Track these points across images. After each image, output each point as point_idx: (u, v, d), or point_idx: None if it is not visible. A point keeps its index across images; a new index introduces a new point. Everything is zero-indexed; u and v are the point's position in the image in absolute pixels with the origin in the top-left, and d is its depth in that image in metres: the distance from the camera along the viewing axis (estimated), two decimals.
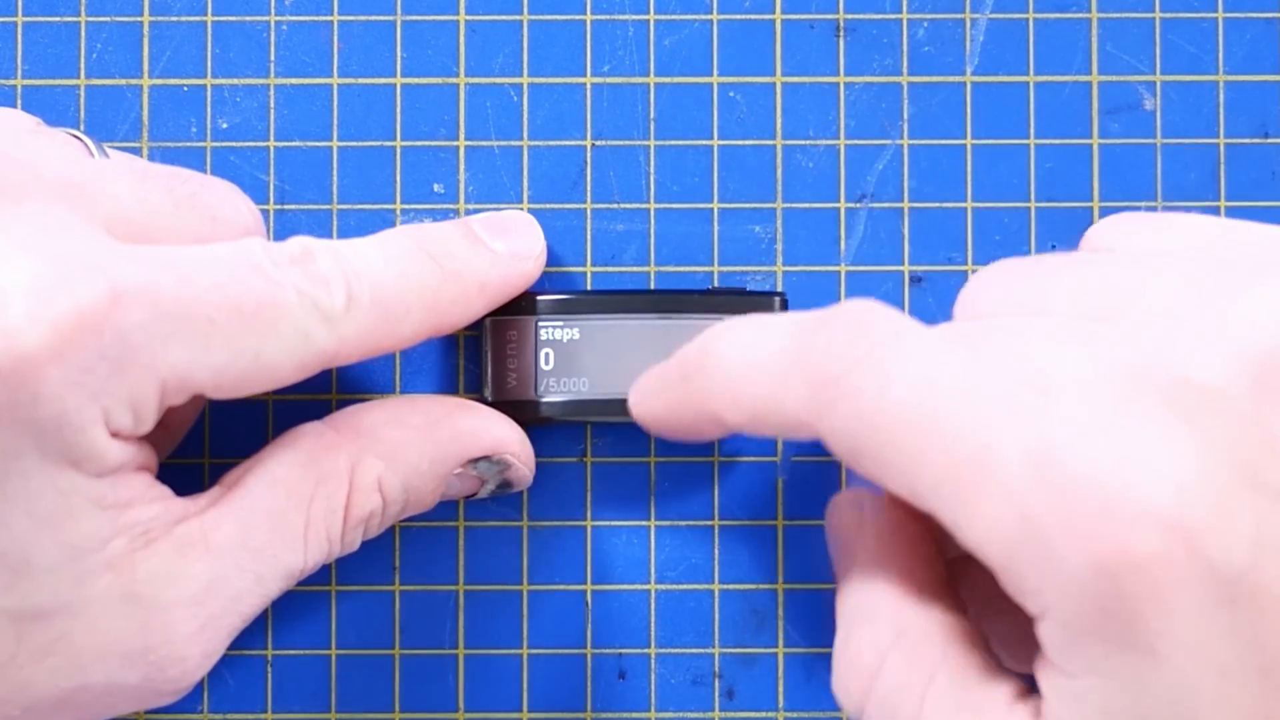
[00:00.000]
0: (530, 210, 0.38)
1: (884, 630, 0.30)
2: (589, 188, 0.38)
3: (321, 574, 0.35)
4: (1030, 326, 0.28)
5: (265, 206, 0.38)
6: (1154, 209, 0.38)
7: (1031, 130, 0.39)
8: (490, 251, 0.35)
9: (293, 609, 0.38)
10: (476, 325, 0.37)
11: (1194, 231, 0.31)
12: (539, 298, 0.36)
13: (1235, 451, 0.26)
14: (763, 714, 0.38)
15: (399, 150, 0.38)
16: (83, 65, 0.38)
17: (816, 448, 0.38)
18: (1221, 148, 0.38)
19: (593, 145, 0.39)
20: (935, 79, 0.39)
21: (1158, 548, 0.25)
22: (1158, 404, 0.26)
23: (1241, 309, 0.27)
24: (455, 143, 0.38)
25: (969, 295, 0.32)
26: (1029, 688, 0.29)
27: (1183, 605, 0.25)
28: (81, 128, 0.38)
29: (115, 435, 0.30)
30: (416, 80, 0.39)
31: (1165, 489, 0.25)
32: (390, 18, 0.39)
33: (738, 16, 0.39)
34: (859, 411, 0.28)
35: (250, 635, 0.35)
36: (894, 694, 0.30)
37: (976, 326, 0.29)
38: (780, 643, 0.38)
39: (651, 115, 0.39)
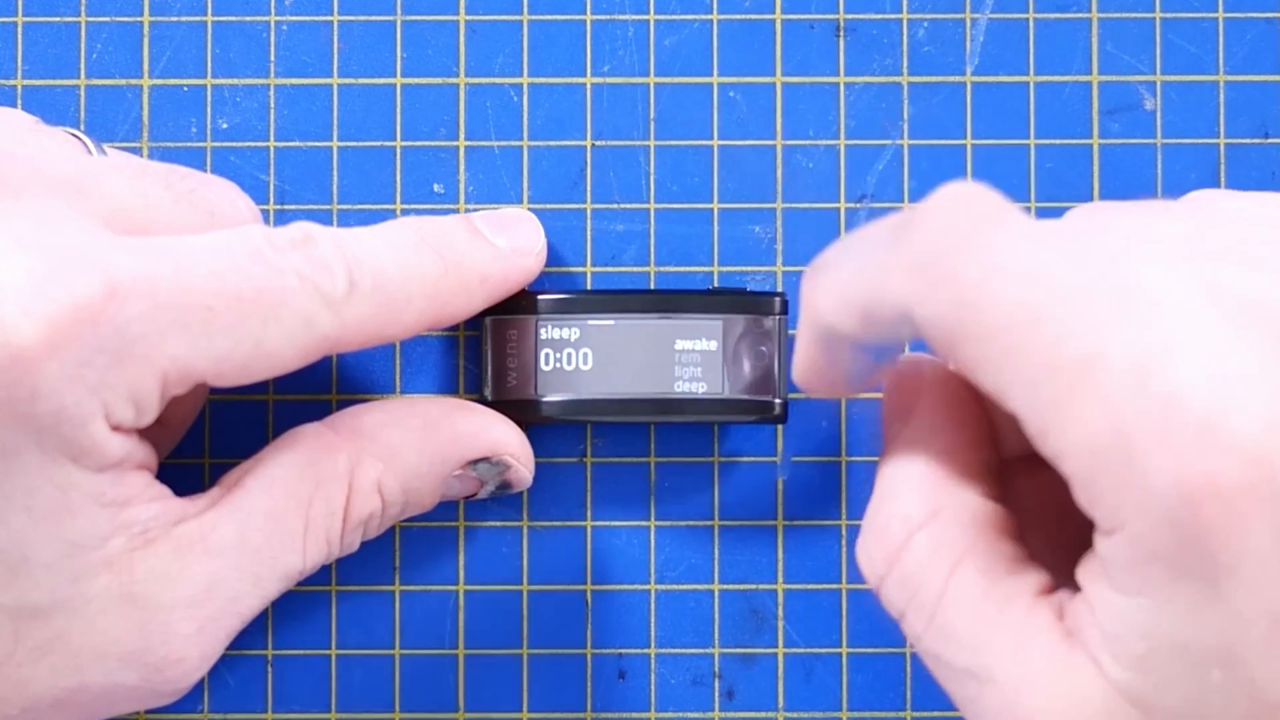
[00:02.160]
0: (530, 210, 0.38)
1: (918, 506, 0.30)
2: (589, 188, 0.38)
3: (321, 574, 0.35)
4: (1145, 239, 0.27)
5: (265, 206, 0.38)
6: None
7: (1031, 130, 0.38)
8: (491, 246, 0.35)
9: (293, 609, 0.38)
10: (476, 325, 0.37)
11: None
12: (539, 297, 0.36)
13: None
14: (762, 714, 0.38)
15: (399, 150, 0.38)
16: (83, 65, 0.38)
17: (816, 447, 0.38)
18: (1221, 148, 0.38)
19: (593, 145, 0.39)
20: (935, 79, 0.39)
21: (1242, 480, 0.24)
22: (1261, 337, 0.25)
23: None
24: (455, 143, 0.38)
25: (1072, 217, 0.30)
26: (1053, 582, 0.29)
27: (1255, 543, 0.24)
28: (82, 128, 0.38)
29: (116, 429, 0.30)
30: (416, 80, 0.39)
31: (1257, 422, 0.24)
32: (390, 18, 0.39)
33: (738, 16, 0.39)
34: (960, 299, 0.26)
35: (250, 635, 0.35)
36: (917, 573, 0.29)
37: (1088, 227, 0.28)
38: (780, 643, 0.38)
39: (651, 115, 0.39)
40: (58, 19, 0.38)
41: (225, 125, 0.38)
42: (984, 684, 0.28)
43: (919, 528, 0.29)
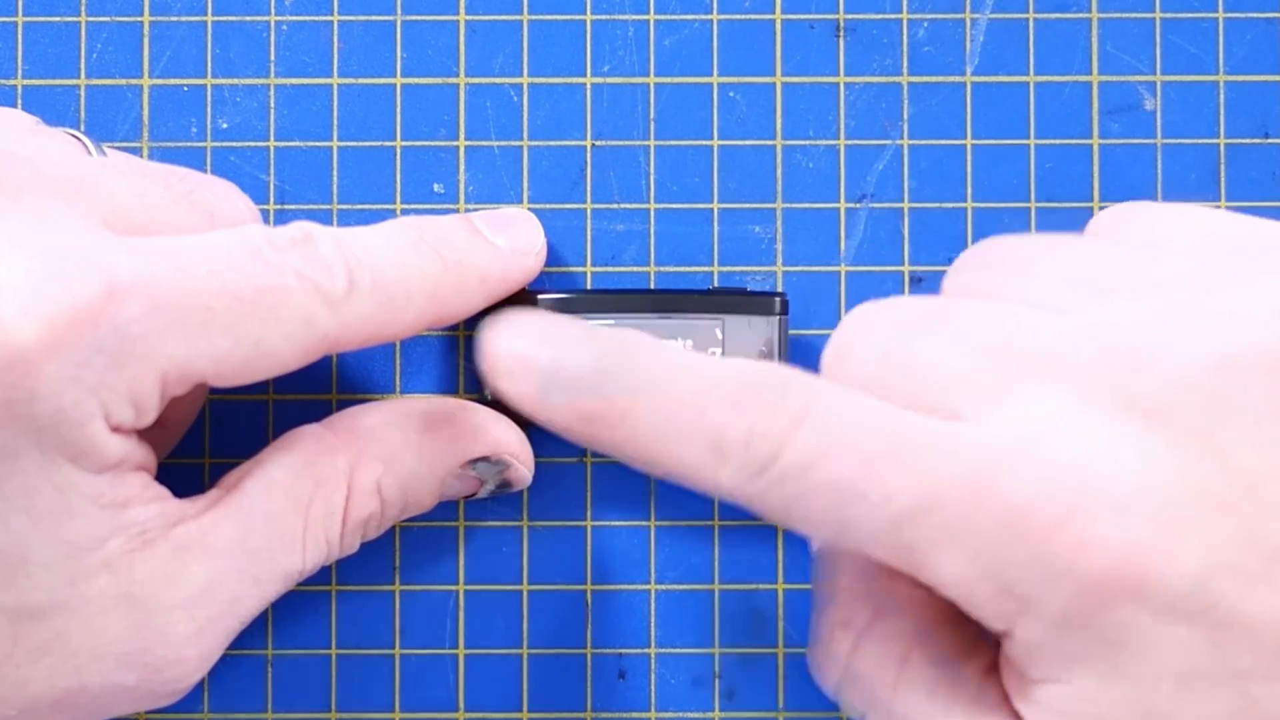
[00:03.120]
0: (530, 210, 0.38)
1: (857, 610, 0.31)
2: (589, 188, 0.38)
3: (322, 574, 0.35)
4: (967, 329, 0.28)
5: (265, 206, 0.38)
6: None
7: (1031, 130, 0.38)
8: (491, 245, 0.35)
9: (293, 609, 0.38)
10: (477, 325, 0.37)
11: (1197, 223, 0.31)
12: (539, 297, 0.36)
13: (1182, 466, 0.26)
14: (763, 714, 0.38)
15: (399, 150, 0.38)
16: (83, 65, 0.38)
17: None
18: (1221, 148, 0.38)
19: (593, 145, 0.39)
20: (935, 79, 0.39)
21: (1107, 571, 0.26)
22: (1106, 415, 0.26)
23: (1220, 305, 0.27)
24: (455, 143, 0.38)
25: (958, 265, 0.32)
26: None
27: (1136, 621, 0.26)
28: (81, 128, 0.38)
29: (116, 429, 0.30)
30: (416, 80, 0.39)
31: (1107, 513, 0.26)
32: (390, 18, 0.39)
33: (738, 16, 0.39)
34: (789, 495, 0.27)
35: (250, 635, 0.35)
36: (869, 674, 0.30)
37: (904, 345, 0.29)
38: (780, 643, 0.38)
39: (651, 115, 0.39)
40: (58, 19, 0.38)
41: (225, 125, 0.38)
42: None
43: (863, 631, 0.30)
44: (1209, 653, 0.26)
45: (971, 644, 0.30)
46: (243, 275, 0.30)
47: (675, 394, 0.28)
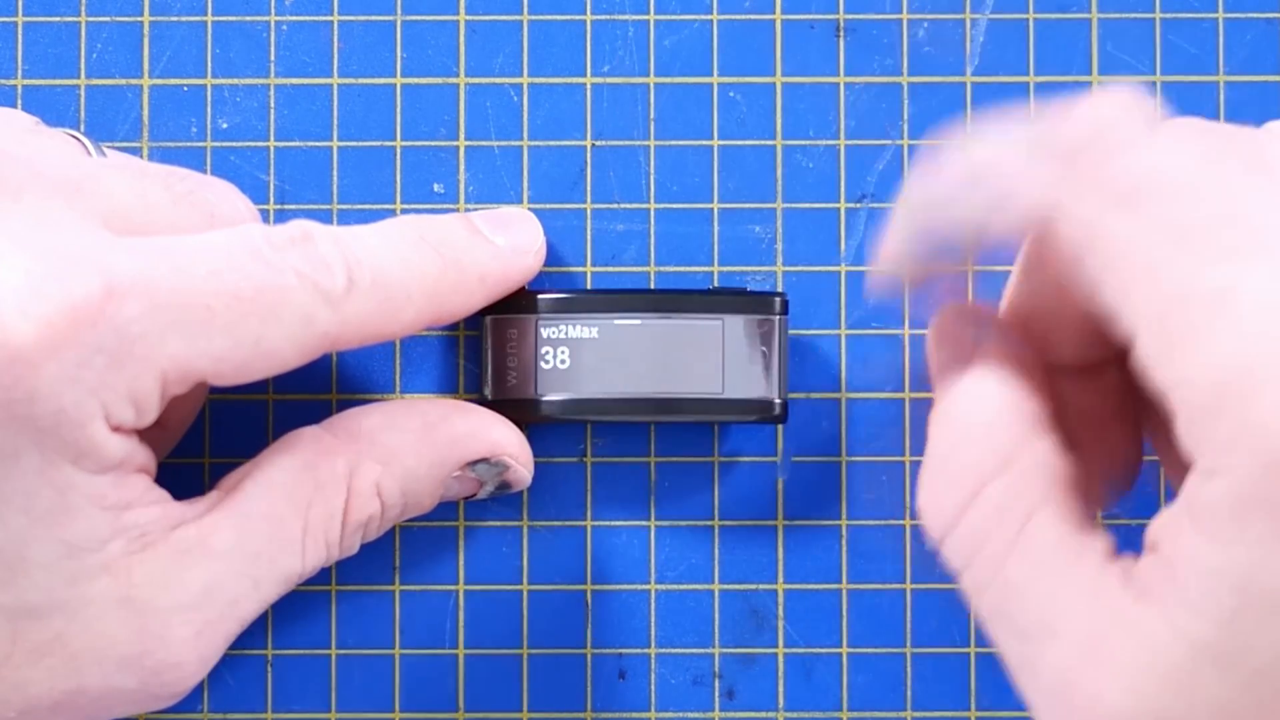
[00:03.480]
0: (530, 210, 0.38)
1: (990, 455, 0.29)
2: (589, 188, 0.38)
3: (321, 574, 0.35)
4: None
5: (265, 206, 0.38)
6: None
7: None
8: (490, 244, 0.35)
9: (293, 609, 0.38)
10: (476, 324, 0.37)
11: None
12: (539, 296, 0.36)
13: None
14: (763, 714, 0.38)
15: (399, 150, 0.38)
16: (83, 65, 0.38)
17: (816, 447, 0.38)
18: None
19: (593, 145, 0.39)
20: (935, 79, 0.39)
21: None
22: None
23: None
24: (455, 143, 0.38)
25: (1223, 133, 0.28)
26: (1117, 547, 0.28)
27: None
28: (81, 128, 0.38)
29: (116, 430, 0.30)
30: (416, 80, 0.39)
31: None
32: (390, 18, 0.39)
33: (738, 16, 0.39)
34: (1105, 206, 0.26)
35: (250, 635, 0.35)
36: (988, 525, 0.28)
37: (1241, 148, 0.27)
38: (780, 643, 0.38)
39: (651, 115, 0.39)
40: (58, 19, 0.38)
41: (225, 125, 0.38)
42: (1048, 641, 0.27)
43: (992, 477, 0.28)
44: None
45: (1095, 524, 0.28)
46: (242, 274, 0.30)
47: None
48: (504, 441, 0.36)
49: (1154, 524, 0.27)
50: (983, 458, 0.29)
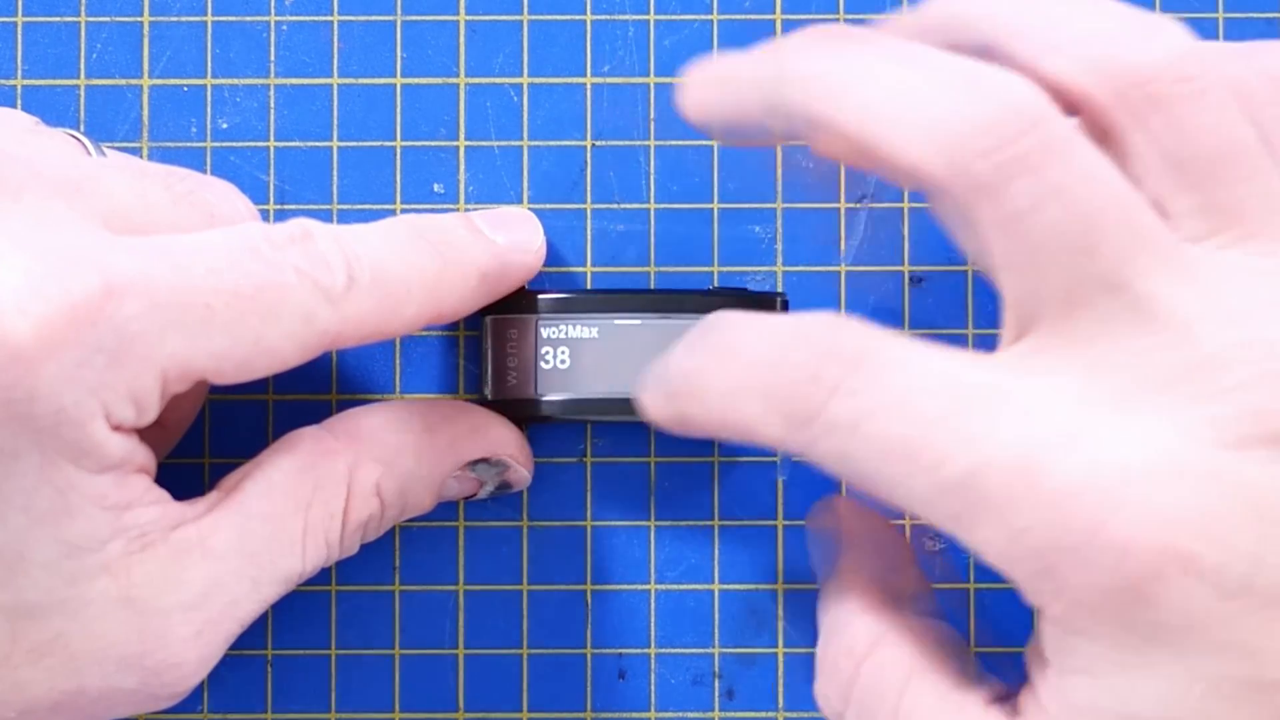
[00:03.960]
0: (530, 210, 0.38)
1: (860, 637, 0.31)
2: (589, 188, 0.38)
3: (321, 574, 0.35)
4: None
5: (265, 206, 0.38)
6: None
7: None
8: (490, 242, 0.35)
9: (293, 609, 0.38)
10: (476, 324, 0.37)
11: None
12: (539, 296, 0.36)
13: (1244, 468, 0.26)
14: (762, 714, 0.38)
15: (399, 150, 0.38)
16: (83, 65, 0.38)
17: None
18: None
19: (593, 145, 0.39)
20: None
21: (1158, 543, 0.25)
22: (1147, 406, 0.26)
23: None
24: (455, 143, 0.38)
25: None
26: (1007, 690, 0.29)
27: (1181, 603, 0.25)
28: (81, 128, 0.38)
29: (117, 429, 0.30)
30: (416, 80, 0.39)
31: (1165, 492, 0.25)
32: (390, 18, 0.39)
33: (738, 16, 0.39)
34: (838, 449, 0.27)
35: (250, 635, 0.35)
36: (870, 701, 0.30)
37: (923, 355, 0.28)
38: (780, 643, 0.38)
39: (651, 115, 0.39)
40: (58, 19, 0.38)
41: (225, 125, 0.38)
42: None
43: (865, 655, 0.30)
44: (1248, 655, 0.26)
45: (977, 677, 0.30)
46: (242, 272, 0.30)
47: (741, 352, 0.29)
48: (504, 441, 0.36)
49: (1026, 652, 0.29)
50: (853, 641, 0.31)
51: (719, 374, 0.29)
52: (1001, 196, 0.27)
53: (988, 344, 0.35)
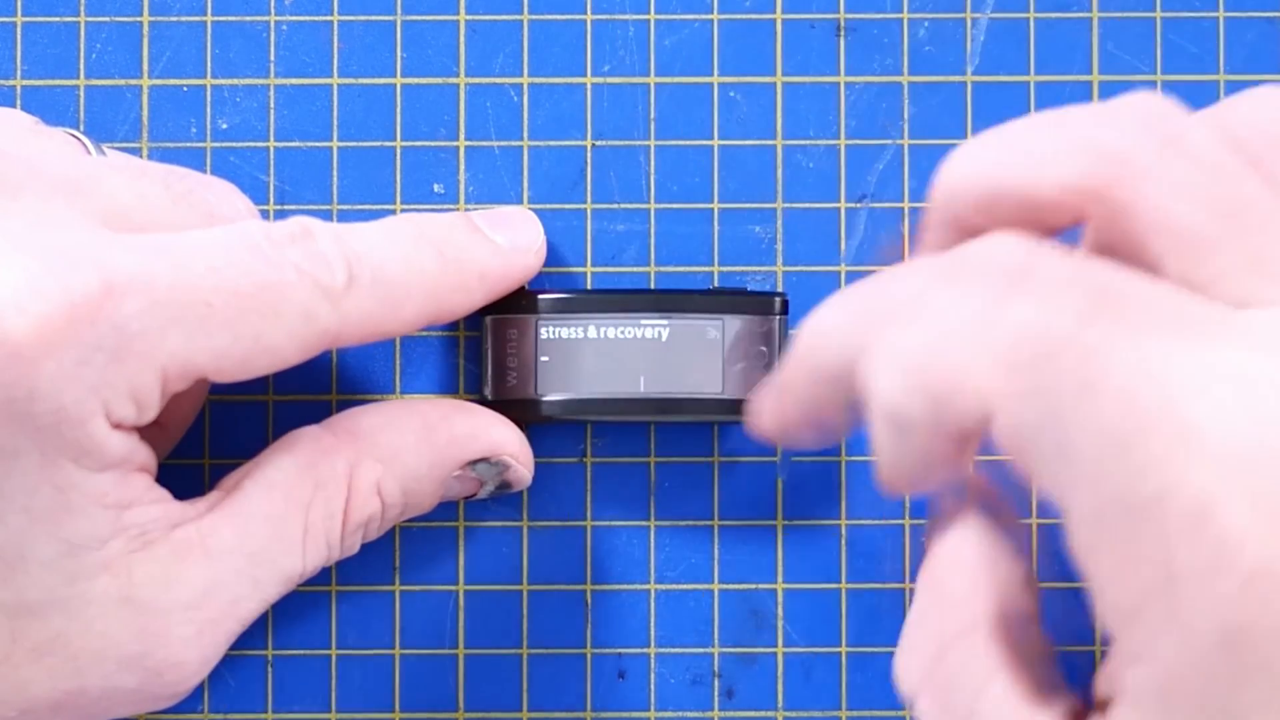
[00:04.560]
0: (530, 210, 0.38)
1: (956, 620, 0.29)
2: (589, 188, 0.38)
3: (322, 574, 0.35)
4: (1210, 367, 0.25)
5: (265, 206, 0.38)
6: None
7: None
8: (490, 242, 0.35)
9: (293, 609, 0.38)
10: (477, 324, 0.37)
11: None
12: (539, 296, 0.36)
13: None
14: (762, 713, 0.38)
15: (399, 150, 0.38)
16: (82, 65, 0.38)
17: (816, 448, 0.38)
18: None
19: (593, 145, 0.39)
20: (936, 79, 0.39)
21: (1275, 627, 0.24)
22: None
23: None
24: (455, 143, 0.38)
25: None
26: (1083, 707, 0.28)
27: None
28: (81, 128, 0.38)
29: (117, 427, 0.30)
30: (416, 80, 0.39)
31: None
32: (390, 18, 0.39)
33: (738, 16, 0.39)
34: (1049, 411, 0.25)
35: (250, 635, 0.35)
36: (949, 687, 0.29)
37: (1172, 348, 0.26)
38: (780, 642, 0.38)
39: (651, 115, 0.39)
40: (57, 19, 0.38)
41: (225, 125, 0.38)
42: None
43: (950, 646, 0.29)
44: None
45: (1058, 689, 0.29)
46: (242, 270, 0.30)
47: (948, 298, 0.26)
48: (504, 441, 0.36)
49: (1098, 680, 0.27)
50: (944, 626, 0.29)
51: (938, 299, 0.26)
52: (1148, 182, 0.26)
53: None
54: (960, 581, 0.30)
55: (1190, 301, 0.26)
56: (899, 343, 0.27)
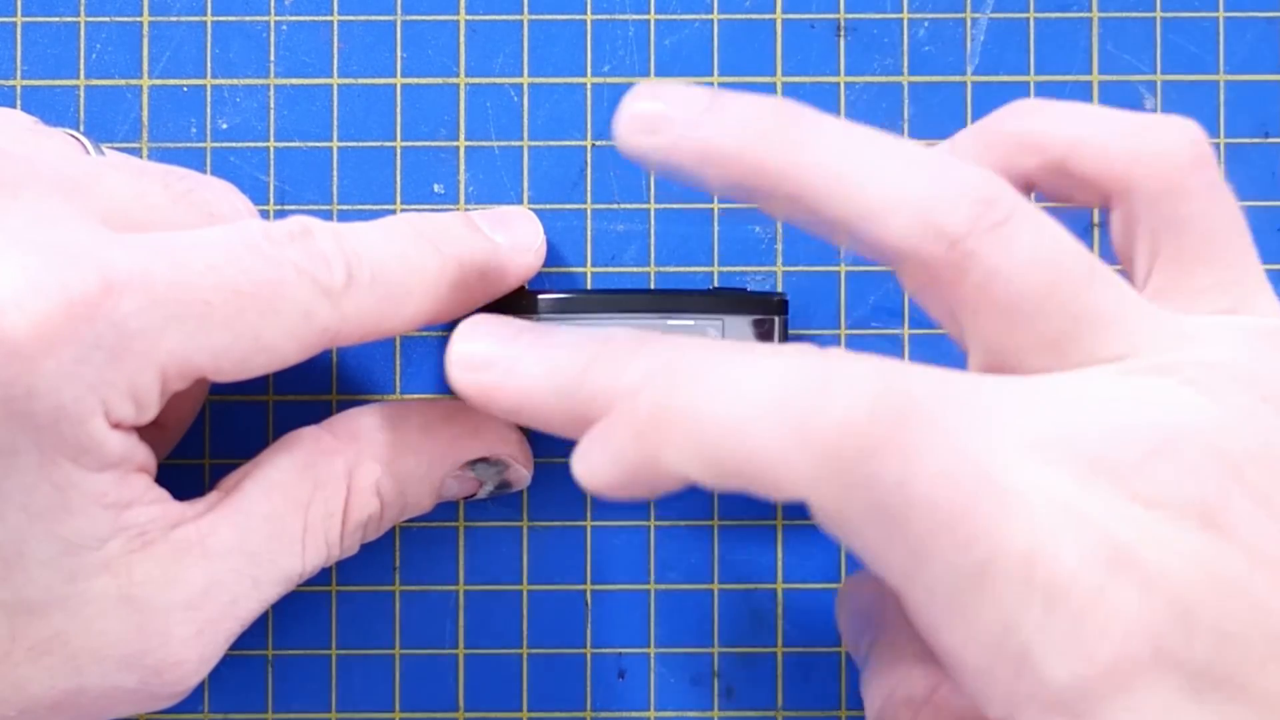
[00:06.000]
0: (530, 210, 0.38)
1: (919, 685, 0.31)
2: (589, 188, 0.38)
3: (322, 574, 0.35)
4: (1015, 430, 0.27)
5: (265, 206, 0.38)
6: None
7: None
8: (490, 242, 0.35)
9: (293, 609, 0.38)
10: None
11: None
12: (539, 296, 0.36)
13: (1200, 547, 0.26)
14: (761, 713, 0.38)
15: (399, 150, 0.38)
16: (82, 65, 0.38)
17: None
18: (1222, 147, 0.38)
19: (593, 145, 0.39)
20: (936, 79, 0.39)
21: (1124, 657, 0.25)
22: (1109, 498, 0.26)
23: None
24: (455, 143, 0.38)
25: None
26: None
27: (1152, 705, 0.25)
28: (81, 128, 0.38)
29: (116, 426, 0.30)
30: (416, 80, 0.39)
31: (1130, 591, 0.25)
32: (390, 18, 0.39)
33: (738, 16, 0.39)
34: (873, 501, 0.25)
35: (250, 635, 0.35)
36: None
37: (971, 416, 0.27)
38: (779, 642, 0.38)
39: None
40: (57, 19, 0.38)
41: (225, 125, 0.38)
42: None
43: (923, 704, 0.30)
44: None
45: None
46: (241, 269, 0.30)
47: (751, 377, 0.26)
48: (503, 440, 0.36)
49: None
50: (912, 692, 0.31)
51: (721, 396, 0.26)
52: (972, 262, 0.27)
53: None
54: (910, 658, 0.31)
55: (988, 377, 0.28)
56: (697, 412, 0.26)
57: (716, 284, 0.38)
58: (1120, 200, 0.30)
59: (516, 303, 0.36)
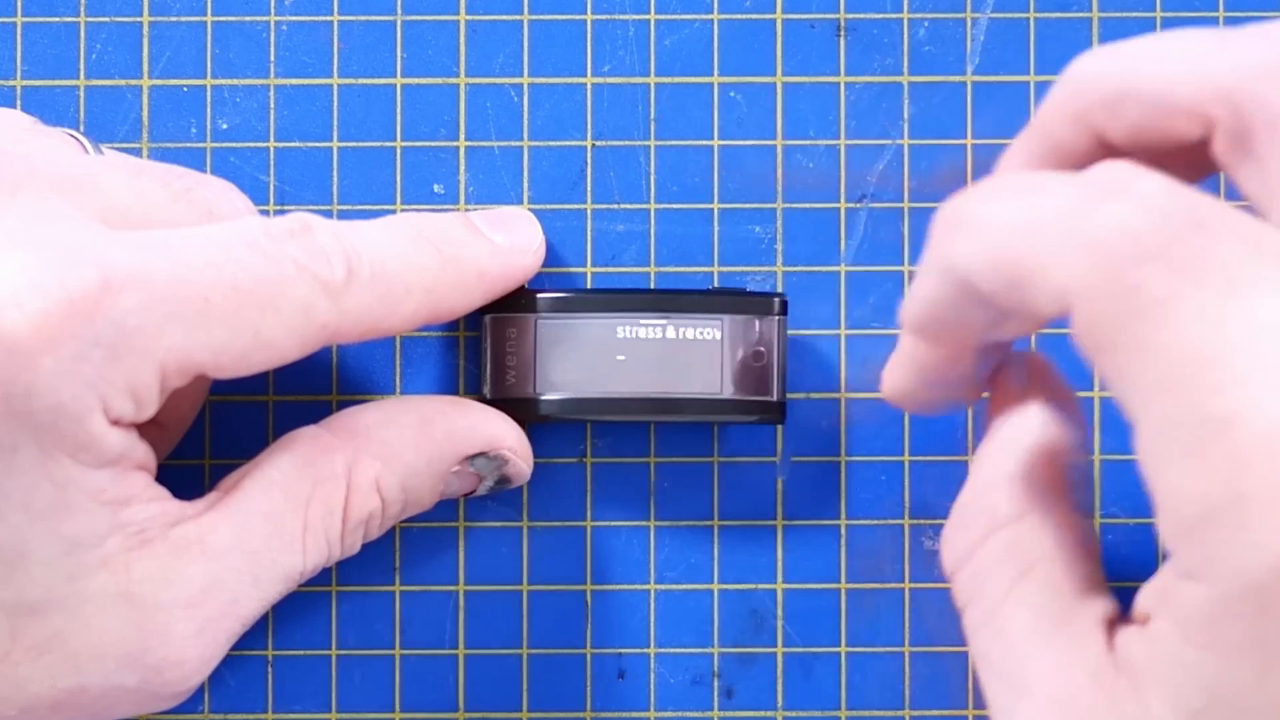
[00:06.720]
0: (530, 210, 0.38)
1: (1005, 504, 0.29)
2: (589, 188, 0.38)
3: (322, 574, 0.35)
4: None
5: (265, 206, 0.38)
6: None
7: None
8: (489, 241, 0.35)
9: (293, 609, 0.38)
10: (476, 324, 0.37)
11: None
12: (539, 296, 0.36)
13: None
14: (761, 713, 0.38)
15: (399, 150, 0.38)
16: (82, 65, 0.38)
17: (816, 447, 0.38)
18: None
19: (593, 145, 0.39)
20: (936, 79, 0.39)
21: None
22: None
23: None
24: (455, 143, 0.38)
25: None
26: (1121, 614, 0.28)
27: None
28: (81, 128, 0.38)
29: (116, 423, 0.30)
30: (416, 80, 0.39)
31: None
32: (390, 18, 0.39)
33: (738, 16, 0.39)
34: (1134, 313, 0.25)
35: (250, 635, 0.35)
36: (987, 571, 0.29)
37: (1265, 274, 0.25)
38: (779, 642, 0.38)
39: (651, 115, 0.39)
40: (57, 19, 0.38)
41: (225, 125, 0.38)
42: (1021, 696, 0.28)
43: (1000, 527, 0.29)
44: None
45: (1098, 589, 0.28)
46: (240, 266, 0.30)
47: (1044, 187, 0.27)
48: (502, 435, 0.36)
49: (1143, 593, 0.27)
50: (997, 506, 0.30)
51: (1036, 189, 0.27)
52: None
53: None
54: (1015, 467, 0.30)
55: None
56: (989, 213, 0.27)
57: (716, 284, 0.38)
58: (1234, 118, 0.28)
59: (516, 302, 0.36)
